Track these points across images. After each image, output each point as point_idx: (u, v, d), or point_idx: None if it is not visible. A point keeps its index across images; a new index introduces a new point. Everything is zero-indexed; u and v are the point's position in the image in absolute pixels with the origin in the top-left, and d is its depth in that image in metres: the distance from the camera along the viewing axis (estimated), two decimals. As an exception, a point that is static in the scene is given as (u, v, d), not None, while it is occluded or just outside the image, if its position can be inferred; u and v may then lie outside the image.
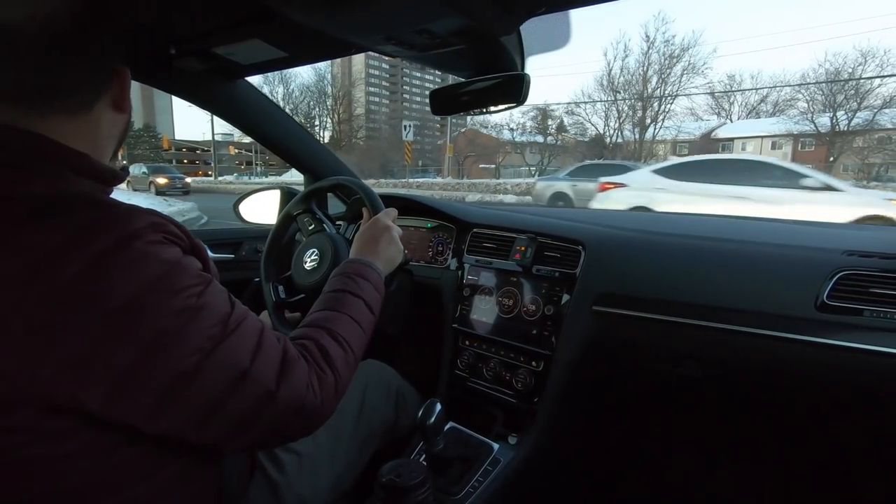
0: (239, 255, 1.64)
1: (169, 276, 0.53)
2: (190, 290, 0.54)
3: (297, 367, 0.61)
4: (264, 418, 0.58)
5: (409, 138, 16.94)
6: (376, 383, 1.07)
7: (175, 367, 0.51)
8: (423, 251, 1.44)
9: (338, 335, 0.70)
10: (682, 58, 25.56)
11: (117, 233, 0.51)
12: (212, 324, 0.55)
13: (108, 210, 0.53)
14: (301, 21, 0.82)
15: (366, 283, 0.81)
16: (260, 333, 0.60)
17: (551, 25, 0.91)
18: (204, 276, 0.58)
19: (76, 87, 0.57)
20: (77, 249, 0.49)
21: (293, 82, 33.91)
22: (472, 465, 1.07)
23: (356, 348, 0.72)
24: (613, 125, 26.99)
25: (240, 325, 0.58)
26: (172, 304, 0.52)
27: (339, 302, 0.76)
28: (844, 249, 0.92)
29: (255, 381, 0.56)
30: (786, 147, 31.77)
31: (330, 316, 0.73)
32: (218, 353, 0.54)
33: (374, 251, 0.91)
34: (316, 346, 0.66)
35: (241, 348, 0.57)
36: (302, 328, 0.71)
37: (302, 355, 0.63)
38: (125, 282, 0.50)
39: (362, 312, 0.77)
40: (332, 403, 0.64)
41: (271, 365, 0.58)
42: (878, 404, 0.88)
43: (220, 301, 0.58)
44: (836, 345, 0.84)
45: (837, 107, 24.67)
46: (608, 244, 1.13)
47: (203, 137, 45.87)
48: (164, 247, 0.54)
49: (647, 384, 1.14)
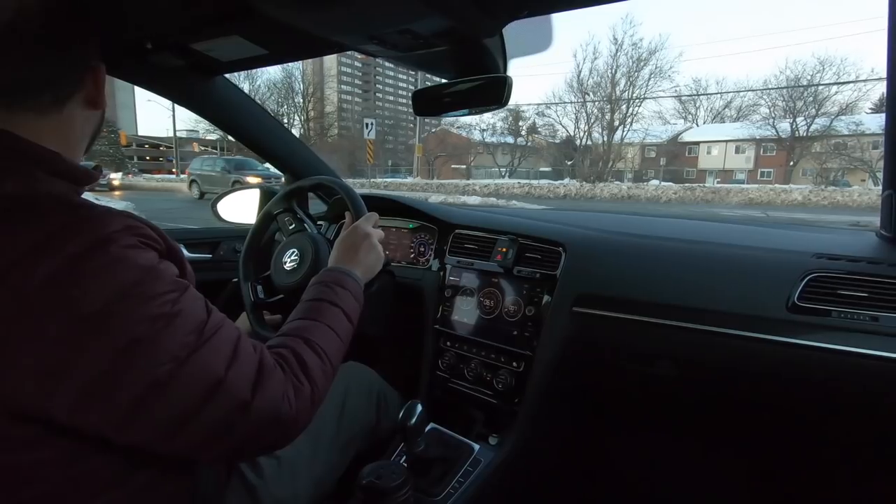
0: (217, 255, 1.60)
1: (143, 282, 0.51)
2: (165, 296, 0.53)
3: (273, 377, 0.59)
4: (238, 429, 0.56)
5: (371, 136, 16.82)
6: (357, 386, 1.06)
7: (147, 377, 0.50)
8: (404, 252, 1.44)
9: (315, 345, 0.68)
10: (649, 61, 26.09)
11: (91, 236, 0.49)
12: (187, 331, 0.53)
13: (81, 212, 0.51)
14: (282, 18, 0.81)
15: (344, 293, 0.80)
16: (236, 341, 0.58)
17: (533, 29, 0.92)
18: (180, 282, 0.56)
19: (49, 83, 0.56)
20: (48, 253, 0.47)
21: (259, 78, 33.24)
22: (453, 465, 1.07)
23: (333, 358, 0.71)
24: (583, 127, 27.36)
25: (216, 332, 0.56)
26: (146, 310, 0.50)
27: (318, 311, 0.75)
28: (814, 252, 0.95)
29: (230, 391, 0.55)
30: (749, 151, 32.84)
31: (308, 325, 0.71)
32: (192, 361, 0.53)
33: (354, 259, 0.90)
34: (293, 356, 0.65)
35: (216, 357, 0.55)
36: (279, 337, 0.69)
37: (278, 364, 0.62)
38: (98, 287, 0.48)
39: (340, 322, 0.76)
40: (307, 414, 0.63)
41: (247, 374, 0.57)
42: (846, 401, 0.92)
43: (195, 307, 0.56)
44: (805, 344, 0.87)
45: (797, 113, 25.69)
46: (588, 246, 1.14)
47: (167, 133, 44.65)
48: (139, 251, 0.53)
49: (626, 384, 1.16)
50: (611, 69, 26.18)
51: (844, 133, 24.72)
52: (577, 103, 27.48)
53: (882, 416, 0.91)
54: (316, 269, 1.07)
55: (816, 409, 0.97)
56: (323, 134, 38.89)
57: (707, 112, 37.93)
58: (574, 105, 27.75)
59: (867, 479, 1.09)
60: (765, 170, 31.79)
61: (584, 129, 27.41)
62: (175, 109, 30.16)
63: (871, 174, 22.87)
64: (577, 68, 28.58)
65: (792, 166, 26.77)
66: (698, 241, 1.11)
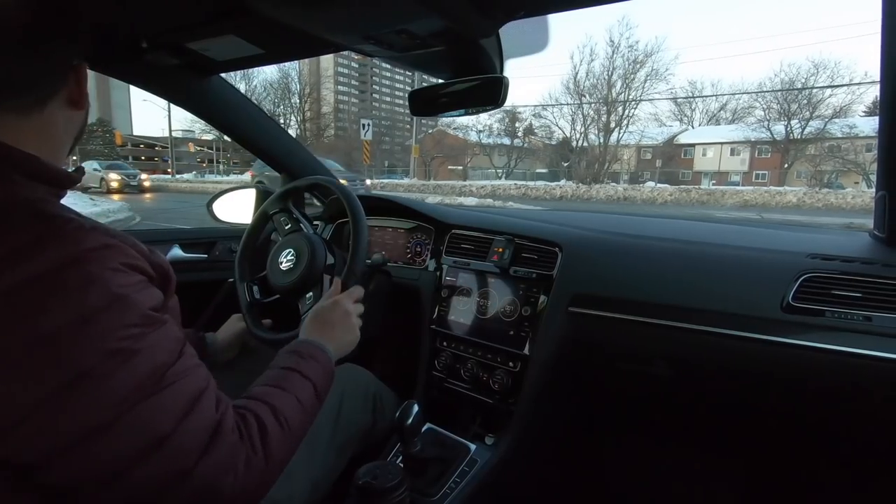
0: (213, 255, 1.59)
1: (108, 310, 0.47)
2: (129, 329, 0.48)
3: (226, 443, 0.54)
4: (169, 498, 0.50)
5: (367, 137, 16.80)
6: (353, 389, 1.06)
7: (85, 418, 0.45)
8: (401, 252, 1.44)
9: (281, 415, 0.64)
10: (645, 63, 26.17)
11: (61, 252, 0.47)
12: (143, 374, 0.49)
13: (54, 225, 0.48)
14: (278, 18, 0.80)
15: (318, 367, 0.77)
16: (198, 394, 0.53)
17: (530, 29, 0.92)
18: (152, 317, 0.52)
19: (29, 83, 0.54)
20: (11, 266, 0.45)
21: (256, 78, 33.22)
22: (450, 465, 1.07)
23: (297, 432, 0.66)
24: (579, 129, 27.42)
25: (178, 380, 0.52)
26: (104, 343, 0.47)
27: (289, 381, 0.71)
28: (808, 252, 0.96)
29: (172, 452, 0.49)
30: (744, 154, 33.00)
31: (276, 393, 0.67)
32: (139, 410, 0.48)
33: (331, 335, 0.87)
34: (255, 421, 0.60)
35: (168, 408, 0.50)
36: (245, 399, 0.65)
37: (238, 428, 0.57)
38: (59, 308, 0.45)
39: (310, 397, 0.72)
40: (255, 491, 0.57)
41: (197, 435, 0.51)
42: (840, 401, 0.93)
43: (162, 348, 0.52)
44: (800, 344, 0.87)
45: (792, 115, 25.83)
46: (584, 246, 1.15)
47: (162, 133, 44.44)
48: (113, 273, 0.49)
49: (621, 384, 1.17)
50: (607, 71, 26.24)
51: (838, 136, 24.89)
52: (573, 105, 27.55)
53: (876, 416, 0.91)
54: (312, 269, 1.07)
55: (810, 408, 0.98)
56: (319, 134, 38.86)
57: (702, 114, 38.19)
58: (570, 107, 27.82)
59: (862, 478, 1.09)
60: (760, 172, 31.94)
61: (580, 131, 27.48)
62: (171, 109, 30.09)
63: (864, 177, 23.01)
64: (573, 70, 28.60)
65: (786, 168, 26.89)
66: (694, 241, 1.11)
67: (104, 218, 9.01)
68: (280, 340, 1.07)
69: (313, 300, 1.06)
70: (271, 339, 1.07)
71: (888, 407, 0.87)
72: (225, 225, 1.58)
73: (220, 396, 0.57)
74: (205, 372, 0.57)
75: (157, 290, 0.55)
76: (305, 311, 1.07)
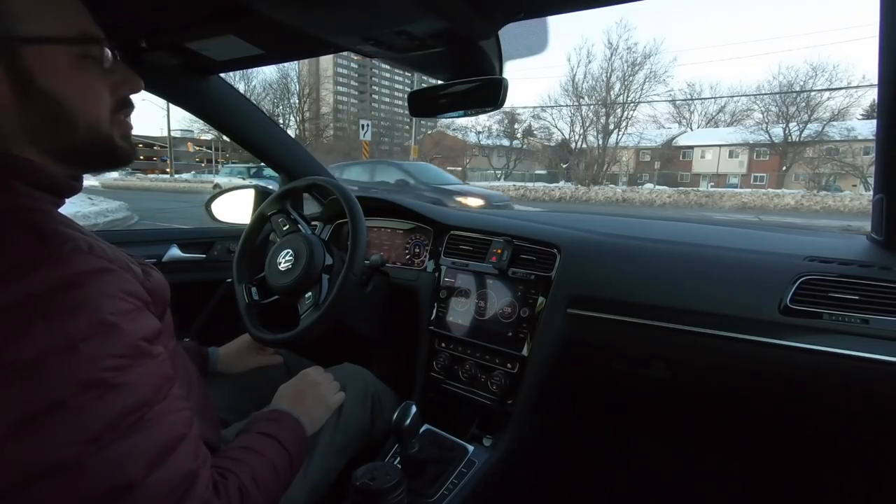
0: (211, 256, 1.59)
1: (93, 339, 0.45)
2: (114, 360, 0.46)
3: (197, 500, 0.51)
4: None
5: (366, 138, 16.75)
6: (353, 390, 1.06)
7: (52, 451, 0.42)
8: (399, 253, 1.44)
9: (259, 480, 0.63)
10: (643, 65, 26.25)
11: (53, 275, 0.45)
12: (120, 410, 0.46)
13: (51, 245, 0.47)
14: (277, 18, 0.80)
15: (295, 440, 0.77)
16: (176, 442, 0.50)
17: (530, 31, 0.92)
18: (141, 349, 0.49)
19: None
20: (6, 284, 0.44)
21: (255, 79, 33.26)
22: (447, 467, 1.06)
23: (270, 500, 0.66)
24: (578, 130, 27.46)
25: (156, 424, 0.49)
26: (84, 373, 0.44)
27: (269, 448, 0.71)
28: (806, 255, 0.96)
29: (139, 503, 0.46)
30: (742, 156, 33.07)
31: (257, 459, 0.66)
32: (110, 451, 0.45)
33: (302, 406, 0.87)
34: (235, 483, 0.58)
35: (141, 454, 0.47)
36: (225, 458, 0.63)
37: (214, 485, 0.54)
38: (42, 332, 0.43)
39: (285, 467, 0.72)
40: None
41: (169, 484, 0.48)
42: (837, 403, 0.93)
43: (145, 384, 0.49)
44: (797, 347, 0.87)
45: (790, 118, 25.92)
46: (583, 248, 1.15)
47: (161, 133, 44.38)
48: (107, 300, 0.47)
49: (619, 385, 1.17)
50: (605, 73, 26.35)
51: (836, 139, 24.99)
52: (572, 106, 27.60)
53: (873, 418, 0.91)
54: (310, 269, 1.06)
55: (807, 410, 0.98)
56: (318, 135, 38.87)
57: (701, 116, 38.27)
58: (569, 108, 27.89)
59: (860, 479, 1.10)
60: (758, 174, 32.00)
61: (579, 133, 27.56)
62: (169, 109, 30.04)
63: (862, 180, 23.09)
64: (571, 72, 28.61)
65: (785, 171, 26.97)
66: (692, 243, 1.11)
67: (102, 217, 8.98)
68: (279, 341, 1.07)
69: (312, 300, 1.06)
70: (271, 340, 1.07)
71: (886, 409, 0.87)
72: (223, 225, 1.59)
73: (200, 448, 0.54)
74: (188, 417, 0.54)
75: (153, 318, 0.54)
76: (304, 311, 1.07)
